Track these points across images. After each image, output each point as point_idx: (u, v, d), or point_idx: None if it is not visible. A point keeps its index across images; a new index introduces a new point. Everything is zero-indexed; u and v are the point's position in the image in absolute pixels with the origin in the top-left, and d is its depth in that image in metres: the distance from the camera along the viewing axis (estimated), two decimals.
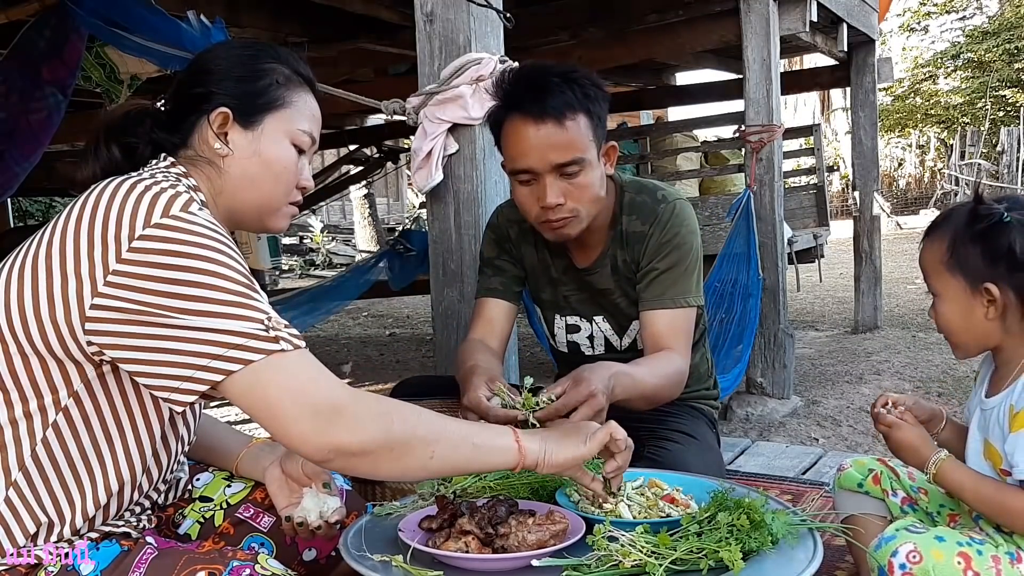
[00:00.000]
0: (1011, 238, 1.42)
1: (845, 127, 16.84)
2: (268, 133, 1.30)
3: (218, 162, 1.28)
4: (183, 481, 1.45)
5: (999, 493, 1.43)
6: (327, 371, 1.14)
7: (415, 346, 6.85)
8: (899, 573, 1.37)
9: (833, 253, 8.46)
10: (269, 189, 1.31)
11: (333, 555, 1.45)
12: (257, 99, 1.30)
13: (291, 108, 1.32)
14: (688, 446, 1.85)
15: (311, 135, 1.35)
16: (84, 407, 1.16)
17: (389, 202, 17.89)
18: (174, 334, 1.07)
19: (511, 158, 1.80)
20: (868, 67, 5.67)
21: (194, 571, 1.11)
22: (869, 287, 5.93)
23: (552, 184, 1.75)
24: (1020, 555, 1.39)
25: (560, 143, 1.73)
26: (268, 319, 1.11)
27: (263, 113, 1.30)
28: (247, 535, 1.43)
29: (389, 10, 3.83)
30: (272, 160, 1.30)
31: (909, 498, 1.68)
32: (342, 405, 1.11)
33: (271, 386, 1.09)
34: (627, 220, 1.92)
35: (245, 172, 1.29)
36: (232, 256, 1.13)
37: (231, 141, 1.29)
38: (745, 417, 4.05)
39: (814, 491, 2.53)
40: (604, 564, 1.21)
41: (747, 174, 4.11)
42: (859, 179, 5.88)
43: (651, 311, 1.87)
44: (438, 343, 2.50)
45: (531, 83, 1.76)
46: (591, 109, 1.76)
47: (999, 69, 17.97)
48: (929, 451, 1.51)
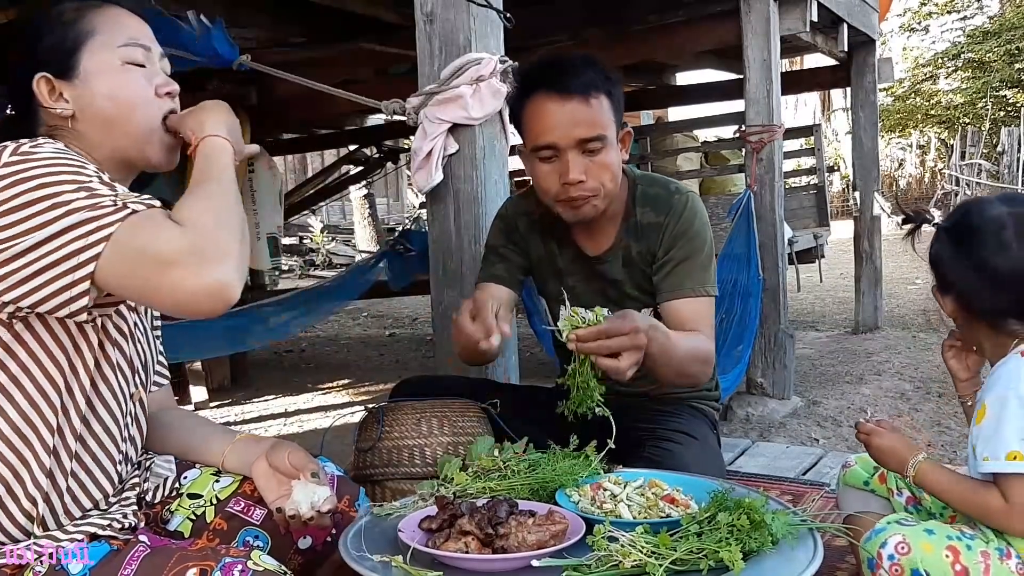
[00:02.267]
0: (934, 244, 1.53)
1: (845, 127, 16.82)
2: (93, 71, 1.26)
3: (69, 124, 1.27)
4: (171, 479, 1.45)
5: (975, 493, 1.43)
6: (169, 220, 1.12)
7: (415, 346, 6.85)
8: (887, 564, 1.38)
9: (833, 253, 8.44)
10: (128, 119, 1.28)
11: (329, 540, 1.45)
12: (60, 48, 1.26)
13: (99, 34, 1.28)
14: (688, 446, 1.85)
15: (139, 44, 1.30)
16: (9, 370, 1.17)
17: (389, 202, 17.88)
18: (41, 251, 1.08)
19: (535, 134, 1.82)
20: (868, 67, 5.66)
21: (185, 568, 1.11)
22: (869, 287, 5.92)
23: (575, 160, 1.79)
24: (1010, 551, 1.39)
25: (585, 119, 1.77)
26: (115, 198, 1.11)
27: (73, 56, 1.26)
28: (241, 529, 1.42)
29: (389, 10, 3.82)
30: (111, 91, 1.27)
31: (913, 497, 1.68)
32: (198, 247, 1.09)
33: (135, 247, 1.09)
34: (641, 212, 1.94)
35: (97, 119, 1.27)
36: (76, 168, 1.12)
37: (70, 99, 1.26)
38: (745, 417, 4.04)
39: (814, 491, 2.53)
40: (604, 564, 1.21)
41: (747, 174, 4.11)
42: (859, 179, 5.87)
43: (672, 300, 1.88)
44: (438, 343, 2.50)
45: (554, 64, 1.82)
46: (612, 91, 1.82)
47: (1000, 69, 17.95)
48: (908, 455, 1.51)
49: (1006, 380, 1.40)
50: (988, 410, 1.40)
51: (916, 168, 19.86)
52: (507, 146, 2.46)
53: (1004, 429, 1.36)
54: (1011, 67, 17.86)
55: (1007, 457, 1.35)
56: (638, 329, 1.51)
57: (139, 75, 1.29)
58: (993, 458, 1.37)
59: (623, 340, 1.50)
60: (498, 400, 2.00)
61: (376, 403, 2.03)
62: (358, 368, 6.08)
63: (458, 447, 1.87)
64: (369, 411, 2.00)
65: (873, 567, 1.40)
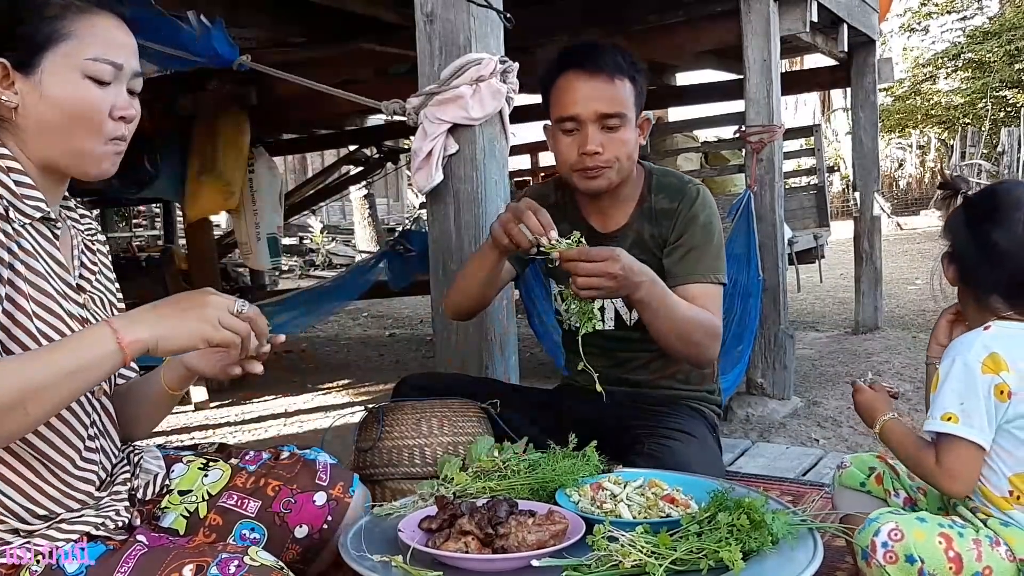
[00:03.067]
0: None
1: (845, 127, 16.82)
2: (50, 73, 1.20)
3: (12, 116, 1.21)
4: (160, 476, 1.44)
5: (919, 451, 1.50)
6: None
7: (415, 346, 6.85)
8: (881, 551, 1.38)
9: (833, 254, 8.44)
10: (69, 133, 1.22)
11: (325, 527, 1.45)
12: (29, 40, 1.20)
13: (72, 39, 1.21)
14: (688, 444, 1.86)
15: (109, 61, 1.23)
16: None
17: (389, 202, 17.89)
18: None
19: (560, 106, 1.96)
20: (868, 67, 5.66)
21: (182, 565, 1.11)
22: (869, 288, 5.92)
23: (594, 133, 1.92)
24: (999, 540, 1.41)
25: (607, 96, 1.92)
26: None
27: (38, 53, 1.20)
28: (237, 523, 1.42)
29: (389, 10, 3.83)
30: (61, 101, 1.20)
31: (910, 499, 1.68)
32: None
33: None
34: (655, 198, 2.05)
35: (39, 120, 1.21)
36: None
37: (19, 92, 1.20)
38: (745, 418, 4.04)
39: (814, 492, 2.52)
40: (604, 564, 1.21)
41: (747, 174, 4.11)
42: (859, 180, 5.87)
43: (683, 284, 1.96)
44: (438, 343, 2.50)
45: (586, 46, 2.00)
46: (636, 78, 1.97)
47: (1000, 70, 17.95)
48: (879, 412, 1.59)
49: (959, 347, 1.47)
50: (939, 373, 1.48)
51: (916, 168, 19.84)
52: (507, 146, 2.47)
53: (944, 390, 1.44)
54: (1011, 67, 17.86)
55: (942, 417, 1.43)
56: (617, 257, 1.69)
57: (95, 92, 1.23)
58: (931, 417, 1.45)
59: (599, 265, 1.67)
60: (498, 400, 2.01)
61: (376, 403, 2.03)
62: (358, 368, 6.08)
63: (458, 447, 1.87)
64: (369, 411, 2.01)
65: (867, 558, 1.40)
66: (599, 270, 1.68)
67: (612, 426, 1.92)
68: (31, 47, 1.20)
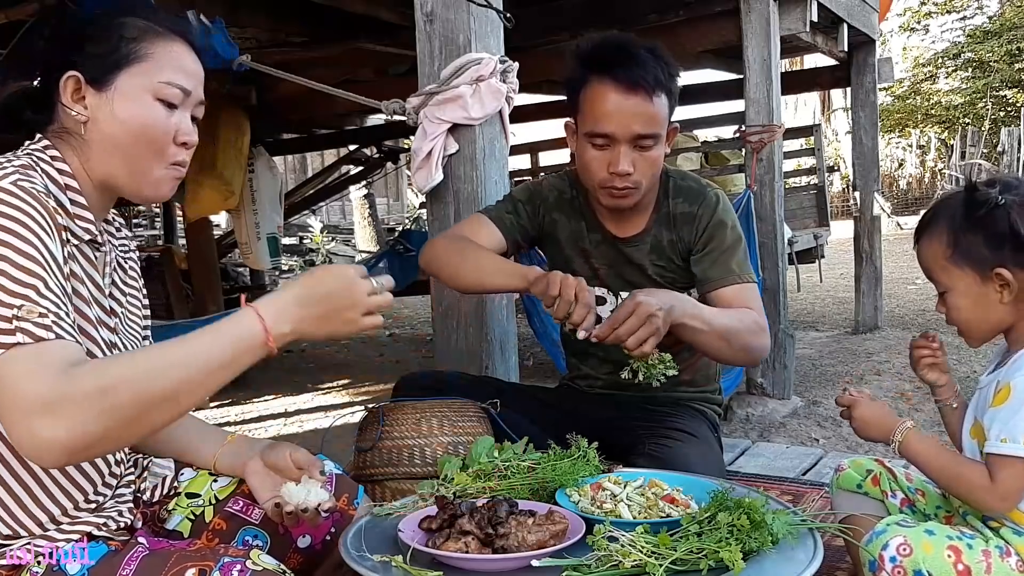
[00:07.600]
0: (1011, 219, 1.44)
1: (845, 127, 16.82)
2: (123, 92, 1.22)
3: (80, 130, 1.23)
4: (169, 478, 1.44)
5: (957, 464, 1.45)
6: (54, 362, 1.01)
7: (415, 346, 6.85)
8: (889, 566, 1.38)
9: (833, 253, 8.45)
10: (134, 152, 1.23)
11: (328, 539, 1.45)
12: (106, 58, 1.22)
13: (148, 61, 1.23)
14: (689, 443, 1.86)
15: (180, 86, 1.25)
16: None
17: (389, 202, 17.88)
18: None
19: (593, 120, 1.85)
20: (868, 67, 5.66)
21: (184, 568, 1.10)
22: (869, 287, 5.92)
23: (626, 153, 1.84)
24: (1009, 549, 1.40)
25: (645, 116, 1.83)
26: (20, 307, 1.02)
27: (114, 71, 1.22)
28: (240, 528, 1.42)
29: (389, 10, 3.82)
30: (131, 120, 1.22)
31: (908, 499, 1.67)
32: (51, 400, 0.98)
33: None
34: (673, 203, 2.00)
35: (106, 137, 1.22)
36: (22, 234, 1.05)
37: (89, 107, 1.22)
38: (745, 417, 4.04)
39: (814, 492, 2.53)
40: (604, 564, 1.20)
41: (747, 174, 4.11)
42: (859, 179, 5.87)
43: (720, 289, 1.93)
44: (438, 343, 2.50)
45: (621, 49, 1.85)
46: (671, 89, 1.88)
47: (1000, 69, 17.95)
48: (894, 422, 1.53)
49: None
50: (1013, 392, 1.40)
51: (916, 168, 19.84)
52: (507, 146, 2.47)
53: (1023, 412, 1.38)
54: (1011, 67, 17.87)
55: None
56: (639, 303, 1.63)
57: (164, 115, 1.25)
58: (1012, 440, 1.38)
59: (632, 322, 1.61)
60: (498, 400, 2.00)
61: (376, 403, 2.02)
62: (358, 368, 6.08)
63: (458, 447, 1.87)
64: (369, 411, 2.00)
65: (875, 569, 1.40)
66: (637, 325, 1.62)
67: (613, 426, 1.92)
68: (108, 65, 1.22)
